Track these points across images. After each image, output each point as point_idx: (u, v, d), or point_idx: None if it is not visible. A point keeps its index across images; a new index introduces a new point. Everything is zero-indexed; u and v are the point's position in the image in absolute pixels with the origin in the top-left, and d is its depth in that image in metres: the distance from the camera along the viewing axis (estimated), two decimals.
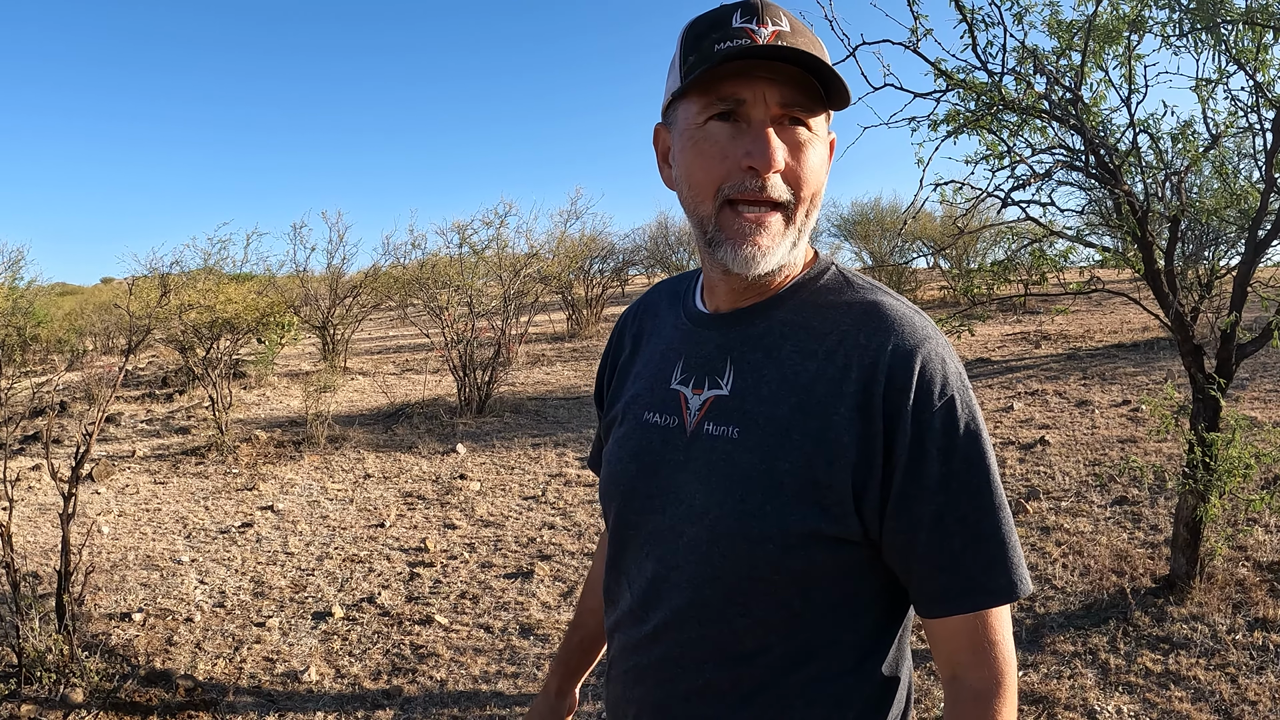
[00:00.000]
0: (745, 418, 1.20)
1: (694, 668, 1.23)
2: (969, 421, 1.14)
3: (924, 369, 1.14)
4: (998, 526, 1.14)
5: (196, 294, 11.32)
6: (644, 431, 1.31)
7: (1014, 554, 1.14)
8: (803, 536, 1.14)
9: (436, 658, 4.50)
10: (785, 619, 1.19)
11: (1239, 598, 4.51)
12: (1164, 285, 4.33)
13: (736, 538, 1.17)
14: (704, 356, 1.28)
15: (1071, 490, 6.38)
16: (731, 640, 1.21)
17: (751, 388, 1.21)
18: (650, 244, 25.69)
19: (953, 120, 4.28)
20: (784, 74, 1.14)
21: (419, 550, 6.14)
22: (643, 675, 1.30)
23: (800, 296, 1.25)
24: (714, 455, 1.21)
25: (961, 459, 1.13)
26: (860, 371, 1.15)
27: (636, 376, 1.40)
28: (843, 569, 1.18)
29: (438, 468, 8.39)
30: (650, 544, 1.28)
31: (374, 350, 18.44)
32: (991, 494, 1.14)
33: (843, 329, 1.19)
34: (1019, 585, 1.14)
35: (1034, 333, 13.76)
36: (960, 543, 1.13)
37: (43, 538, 6.66)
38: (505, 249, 12.10)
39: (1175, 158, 4.54)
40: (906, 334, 1.16)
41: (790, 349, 1.21)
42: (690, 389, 1.27)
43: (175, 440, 10.02)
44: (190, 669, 4.46)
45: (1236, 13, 3.78)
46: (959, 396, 1.14)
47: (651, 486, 1.28)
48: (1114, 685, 3.89)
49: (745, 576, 1.18)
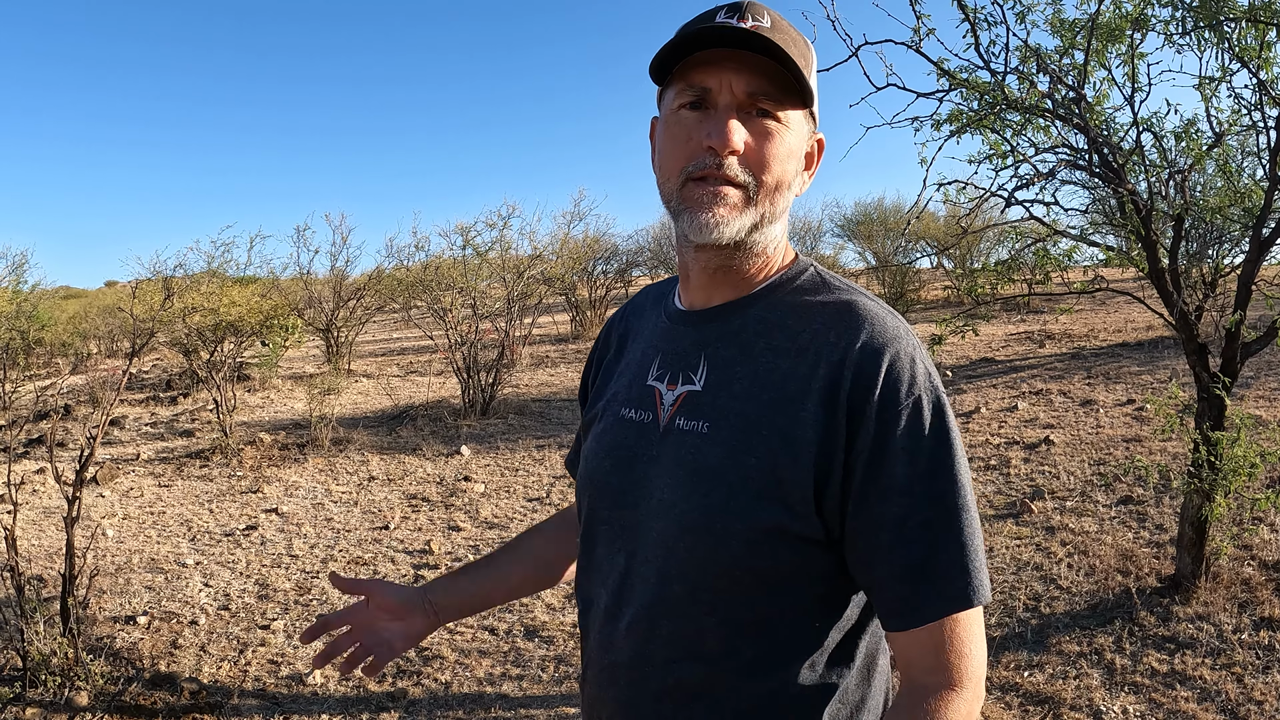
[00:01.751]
0: (716, 413, 1.21)
1: (663, 666, 1.22)
2: (936, 424, 1.13)
3: (891, 367, 1.13)
4: (960, 532, 1.11)
5: (200, 297, 11.33)
6: (620, 427, 1.32)
7: (974, 558, 1.12)
8: (767, 533, 1.14)
9: (441, 660, 4.50)
10: (753, 621, 1.19)
11: (1244, 597, 4.50)
12: (1168, 284, 4.32)
13: (701, 531, 1.17)
14: (679, 352, 1.29)
15: (1076, 490, 6.37)
16: (699, 639, 1.20)
17: (724, 383, 1.22)
18: (653, 245, 25.58)
19: (955, 120, 4.28)
20: (750, 64, 1.17)
21: (423, 552, 6.14)
22: (615, 674, 1.29)
23: (776, 295, 1.26)
24: (683, 450, 1.22)
25: (927, 460, 1.11)
26: (828, 368, 1.15)
27: (619, 375, 1.41)
28: (812, 572, 1.18)
29: (442, 470, 8.39)
30: (621, 539, 1.28)
31: (378, 352, 18.46)
32: (957, 498, 1.12)
33: (815, 327, 1.19)
34: (979, 591, 1.11)
35: (1038, 332, 13.74)
36: (921, 549, 1.11)
37: (47, 541, 6.67)
38: (509, 250, 12.11)
39: (1178, 156, 4.53)
40: (876, 332, 1.16)
41: (763, 346, 1.21)
42: (665, 384, 1.28)
43: (179, 443, 10.03)
44: (195, 672, 4.46)
45: (1239, 11, 3.78)
46: (926, 397, 1.13)
47: (625, 482, 1.28)
48: (1120, 685, 3.89)
49: (710, 573, 1.18)
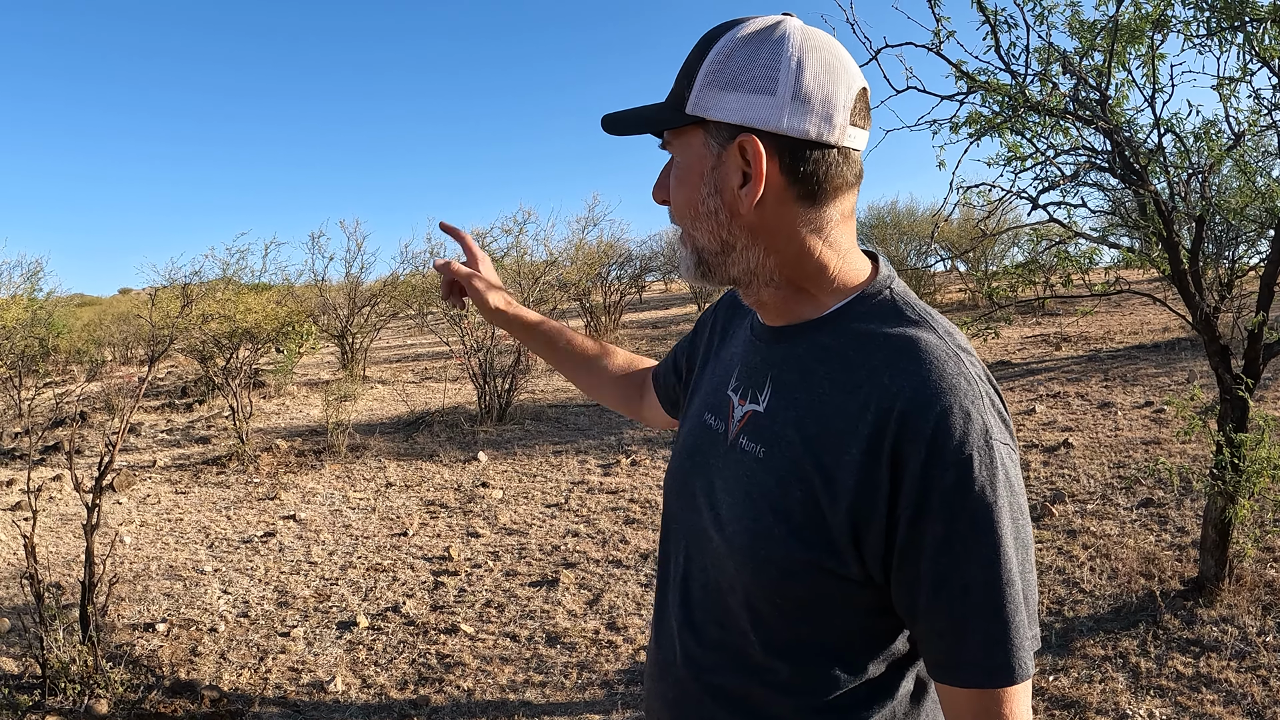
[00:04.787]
0: (772, 438, 1.19)
1: (711, 669, 1.26)
2: (986, 485, 1.04)
3: (942, 420, 1.05)
4: (1002, 602, 1.05)
5: (216, 304, 11.37)
6: (701, 431, 1.35)
7: (1016, 634, 1.05)
8: (804, 565, 1.12)
9: (463, 667, 4.49)
10: (794, 644, 1.19)
11: (1269, 599, 4.47)
12: (1190, 286, 4.30)
13: (747, 554, 1.18)
14: (752, 368, 1.28)
15: (1097, 493, 6.34)
16: (745, 651, 1.22)
17: (782, 409, 1.20)
18: (667, 250, 25.63)
19: (974, 123, 4.26)
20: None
21: (443, 559, 6.14)
22: (666, 670, 1.34)
23: (843, 321, 1.20)
24: (741, 470, 1.22)
25: (969, 522, 1.04)
26: (876, 414, 1.08)
27: (710, 373, 1.43)
28: (854, 606, 1.15)
29: (459, 476, 8.39)
30: (685, 539, 1.33)
31: (393, 359, 18.49)
32: (999, 565, 1.04)
33: (872, 364, 1.13)
34: (1018, 671, 1.05)
35: (1054, 335, 13.70)
36: (960, 612, 1.06)
37: (65, 548, 6.69)
38: (524, 256, 12.13)
39: (1196, 157, 4.50)
40: (932, 380, 1.07)
41: (822, 375, 1.17)
42: (738, 398, 1.29)
43: (196, 450, 10.06)
44: (215, 679, 4.46)
45: (1263, 11, 3.75)
46: (979, 456, 1.04)
47: (695, 485, 1.31)
48: (1145, 689, 3.86)
49: (754, 594, 1.19)
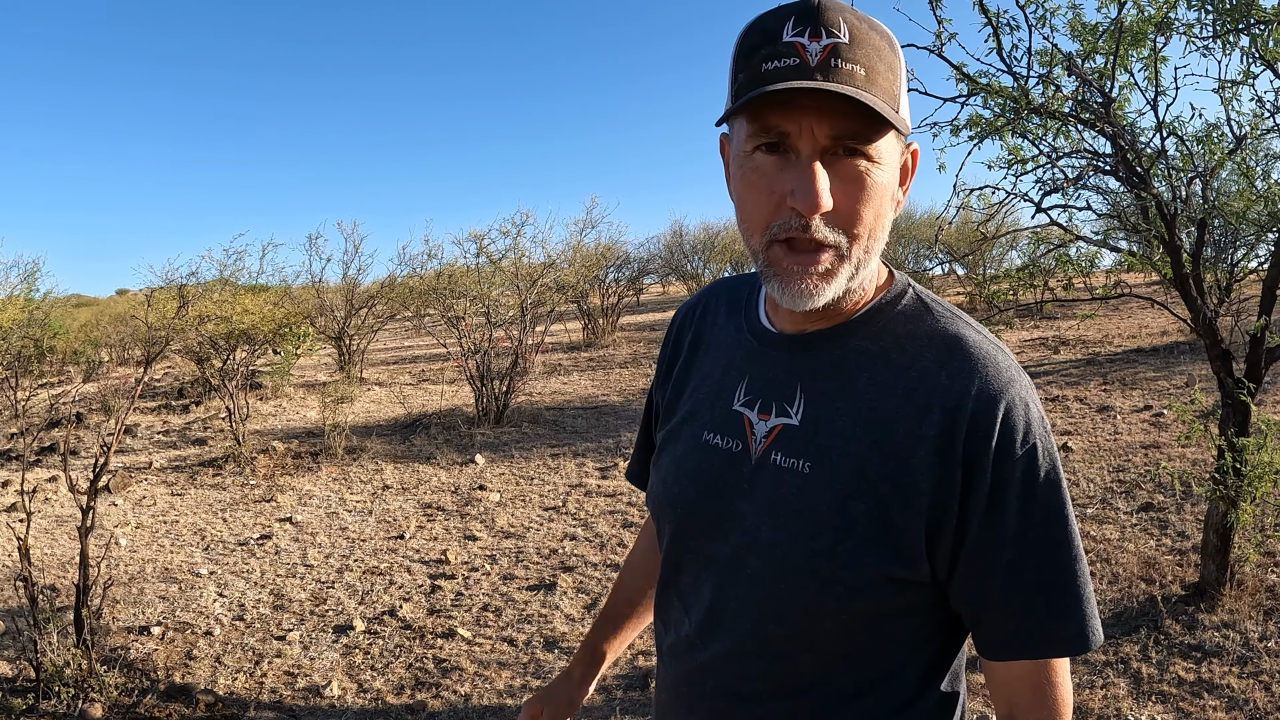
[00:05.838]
0: (817, 451, 1.14)
1: (751, 699, 1.20)
2: (1049, 470, 1.10)
3: (1008, 416, 1.09)
4: (1074, 577, 1.11)
5: (213, 305, 11.33)
6: (704, 453, 1.26)
7: (1088, 605, 1.11)
8: (874, 580, 1.11)
9: (460, 671, 4.46)
10: (848, 653, 1.17)
11: (1270, 604, 4.45)
12: (1192, 289, 4.28)
13: (805, 575, 1.13)
14: (771, 379, 1.22)
15: (1096, 497, 6.32)
16: (792, 673, 1.18)
17: (824, 420, 1.15)
18: (665, 252, 25.68)
19: (974, 125, 4.24)
20: (833, 101, 1.03)
21: (440, 562, 6.11)
22: (695, 705, 1.26)
23: (877, 324, 1.18)
24: (783, 488, 1.16)
25: (1040, 508, 1.10)
26: (942, 415, 1.09)
27: (694, 390, 1.33)
28: (909, 608, 1.16)
29: (456, 478, 8.36)
30: (709, 570, 1.24)
31: (390, 361, 18.46)
32: (1069, 544, 1.11)
33: (923, 365, 1.13)
34: (1091, 637, 1.11)
35: (1052, 338, 13.68)
36: (1034, 590, 1.11)
37: (60, 550, 6.65)
38: (522, 258, 12.09)
39: (1199, 160, 4.49)
40: (991, 376, 1.10)
41: (866, 381, 1.15)
42: (755, 413, 1.21)
43: (192, 451, 10.02)
44: (210, 683, 4.43)
45: (1268, 13, 3.74)
46: (1041, 444, 1.10)
47: (712, 511, 1.23)
48: (1147, 694, 3.84)
49: (812, 615, 1.14)
